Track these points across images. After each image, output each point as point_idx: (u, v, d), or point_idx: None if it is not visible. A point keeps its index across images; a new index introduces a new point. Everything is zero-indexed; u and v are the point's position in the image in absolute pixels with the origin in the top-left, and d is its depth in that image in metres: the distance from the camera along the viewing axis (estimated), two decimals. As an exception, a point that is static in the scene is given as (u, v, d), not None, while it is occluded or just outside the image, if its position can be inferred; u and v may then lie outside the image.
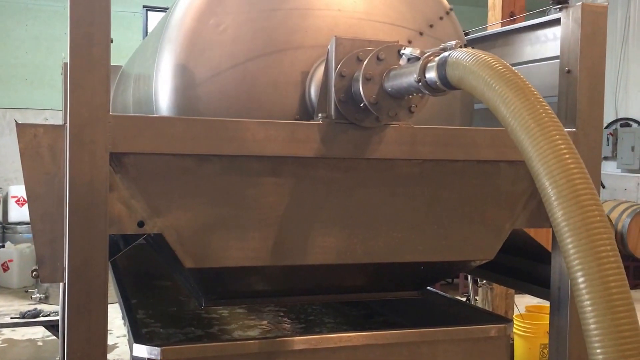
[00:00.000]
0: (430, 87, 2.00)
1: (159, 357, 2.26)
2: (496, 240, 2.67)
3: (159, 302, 4.13)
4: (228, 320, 3.83)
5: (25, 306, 8.12)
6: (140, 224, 2.17)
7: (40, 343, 7.18)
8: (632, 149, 13.57)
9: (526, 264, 3.33)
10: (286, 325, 3.78)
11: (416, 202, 2.51)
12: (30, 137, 2.07)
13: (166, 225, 2.20)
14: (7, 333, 7.46)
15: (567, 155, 1.51)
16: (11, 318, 6.29)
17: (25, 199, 2.11)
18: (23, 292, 9.36)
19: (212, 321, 3.79)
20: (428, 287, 3.35)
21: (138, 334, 2.41)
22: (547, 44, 3.02)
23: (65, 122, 2.06)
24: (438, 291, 3.70)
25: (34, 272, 2.17)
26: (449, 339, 2.70)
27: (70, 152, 2.01)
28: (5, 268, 9.80)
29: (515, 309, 7.21)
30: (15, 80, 11.87)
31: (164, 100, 2.35)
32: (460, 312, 3.35)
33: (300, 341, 2.48)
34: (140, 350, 2.28)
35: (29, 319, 6.37)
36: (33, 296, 8.77)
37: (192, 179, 2.21)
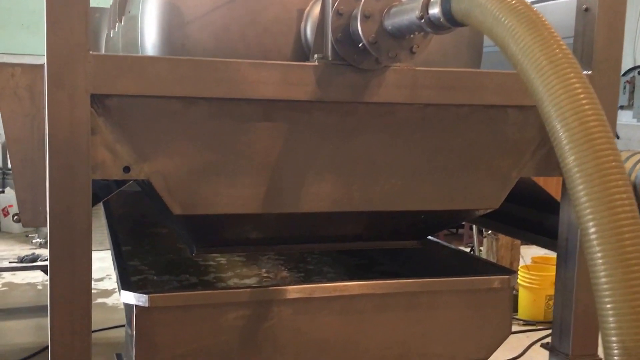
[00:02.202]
0: (434, 24, 1.86)
1: (146, 304, 2.18)
2: (501, 188, 2.56)
3: (154, 250, 4.07)
4: (225, 268, 3.77)
5: (26, 250, 8.17)
6: (126, 170, 2.06)
7: (39, 287, 7.19)
8: (650, 97, 13.24)
9: (533, 214, 3.25)
10: (284, 274, 3.72)
11: (417, 148, 2.40)
12: (7, 77, 1.95)
13: (153, 171, 2.10)
14: (7, 277, 7.47)
15: (582, 96, 1.38)
16: (9, 262, 6.27)
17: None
18: (24, 237, 9.38)
19: (208, 269, 3.73)
20: (430, 237, 3.27)
21: (126, 281, 2.33)
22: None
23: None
24: (440, 241, 3.61)
25: (15, 217, 2.08)
26: (449, 289, 2.61)
27: (48, 93, 1.88)
28: (6, 213, 9.76)
29: (521, 260, 7.17)
30: (11, 26, 11.64)
31: (149, 39, 2.21)
32: (462, 262, 3.27)
33: (294, 290, 2.39)
34: (128, 297, 2.20)
35: (27, 263, 6.35)
36: (34, 241, 8.84)
37: (180, 123, 2.10)
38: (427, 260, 3.38)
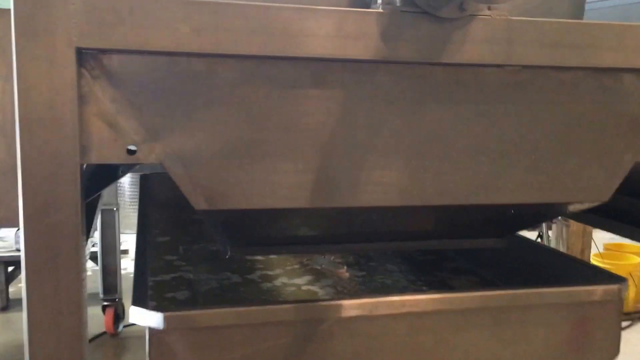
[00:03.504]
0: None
1: (162, 326, 1.71)
2: (612, 176, 2.04)
3: (195, 240, 3.66)
4: (274, 263, 3.32)
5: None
6: (131, 151, 1.58)
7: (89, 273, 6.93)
8: None
9: (640, 206, 2.71)
10: (343, 271, 3.25)
11: (509, 124, 1.89)
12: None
13: (167, 153, 1.61)
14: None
15: None
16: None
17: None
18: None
19: (255, 264, 3.29)
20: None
21: (140, 294, 1.85)
22: None
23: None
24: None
25: (-11, 214, 1.62)
26: (546, 302, 2.11)
27: (17, 46, 1.40)
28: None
29: (593, 246, 6.72)
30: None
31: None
32: (549, 261, 2.78)
33: (351, 306, 1.90)
34: (139, 315, 1.73)
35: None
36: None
37: (202, 88, 1.60)
38: (504, 253, 2.89)
